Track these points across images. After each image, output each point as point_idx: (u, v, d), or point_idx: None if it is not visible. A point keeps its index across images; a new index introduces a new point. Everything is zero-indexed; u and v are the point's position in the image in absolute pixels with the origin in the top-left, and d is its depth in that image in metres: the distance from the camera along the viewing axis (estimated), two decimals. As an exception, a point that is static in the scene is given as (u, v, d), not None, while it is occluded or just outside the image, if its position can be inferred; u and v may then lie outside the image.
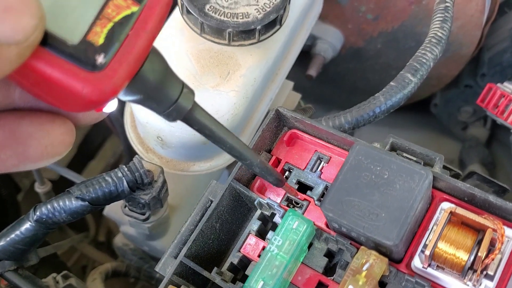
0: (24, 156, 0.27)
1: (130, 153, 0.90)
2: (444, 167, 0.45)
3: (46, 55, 0.23)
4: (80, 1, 0.24)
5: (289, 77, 0.69)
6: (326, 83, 1.03)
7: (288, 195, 0.44)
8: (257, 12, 0.54)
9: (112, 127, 0.92)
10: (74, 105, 0.25)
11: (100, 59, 0.24)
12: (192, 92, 0.30)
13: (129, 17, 0.25)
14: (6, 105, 0.27)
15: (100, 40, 0.24)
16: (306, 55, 0.89)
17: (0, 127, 0.26)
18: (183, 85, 0.29)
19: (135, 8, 0.25)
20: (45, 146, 0.27)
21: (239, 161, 0.37)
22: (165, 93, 0.28)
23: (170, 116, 0.30)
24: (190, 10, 0.54)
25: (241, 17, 0.54)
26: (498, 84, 0.71)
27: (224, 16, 0.54)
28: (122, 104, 0.69)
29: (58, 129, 0.27)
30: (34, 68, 0.23)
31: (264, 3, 0.54)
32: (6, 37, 0.21)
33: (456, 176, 0.50)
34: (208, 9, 0.54)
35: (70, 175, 0.75)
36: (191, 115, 0.30)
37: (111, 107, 0.28)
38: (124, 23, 0.25)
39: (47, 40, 0.23)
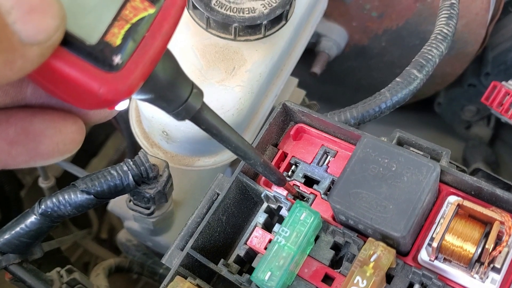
0: (35, 152, 0.27)
1: (134, 149, 0.91)
2: (450, 164, 0.45)
3: (65, 55, 0.24)
4: (99, 2, 0.24)
5: (293, 74, 0.70)
6: (330, 81, 1.03)
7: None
8: (263, 7, 0.54)
9: (115, 124, 0.93)
10: (89, 104, 0.25)
11: (117, 59, 0.24)
12: (201, 93, 0.31)
13: (145, 19, 0.25)
14: (18, 101, 0.28)
15: (117, 41, 0.25)
16: (310, 52, 0.89)
17: (12, 124, 0.27)
18: (193, 85, 0.30)
19: (151, 10, 0.26)
20: (56, 143, 0.27)
21: (242, 160, 0.37)
22: (175, 92, 0.29)
23: (179, 115, 0.30)
24: (196, 5, 0.54)
25: (247, 12, 0.54)
26: (503, 82, 0.71)
27: (230, 11, 0.54)
28: (127, 106, 0.69)
29: (69, 127, 0.28)
30: (53, 67, 0.24)
31: (270, -1, 0.55)
32: (29, 37, 0.21)
33: (461, 172, 0.50)
34: (214, 4, 0.54)
35: (74, 170, 0.75)
36: (200, 115, 0.31)
37: (123, 105, 0.28)
38: (140, 24, 0.25)
39: (66, 40, 0.24)
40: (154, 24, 0.26)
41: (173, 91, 0.29)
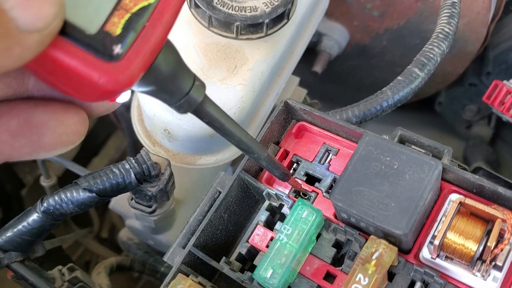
0: (38, 144, 0.27)
1: (135, 148, 0.91)
2: (452, 162, 0.45)
3: (64, 44, 0.23)
4: None
5: (294, 73, 0.70)
6: (331, 80, 1.03)
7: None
8: (265, 6, 0.54)
9: (117, 122, 0.93)
10: (89, 95, 0.25)
11: (117, 49, 0.24)
12: (203, 85, 0.30)
13: (146, 8, 0.25)
14: (21, 93, 0.28)
15: (117, 30, 0.24)
16: (311, 51, 0.89)
17: (14, 116, 0.27)
18: (195, 77, 0.30)
19: (152, 0, 0.25)
20: (59, 135, 0.27)
21: (246, 154, 0.37)
22: (177, 85, 0.29)
23: (181, 108, 0.30)
24: (198, 4, 0.54)
25: (249, 10, 0.54)
26: (504, 81, 0.71)
27: (232, 10, 0.54)
28: (128, 98, 0.69)
29: (72, 118, 0.28)
30: (52, 57, 0.23)
31: (272, -3, 0.55)
32: (28, 24, 0.21)
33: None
34: (216, 3, 0.54)
35: (76, 168, 0.75)
36: (202, 108, 0.30)
37: (124, 97, 0.28)
38: (141, 14, 0.25)
39: (66, 29, 0.23)
40: (155, 13, 0.25)
41: (174, 83, 0.28)
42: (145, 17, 0.25)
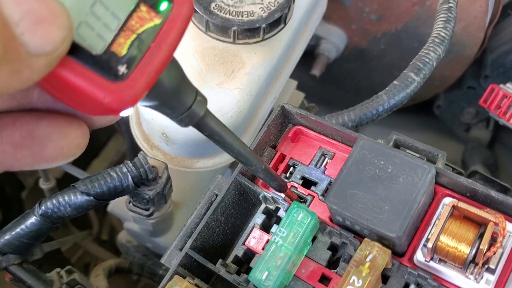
0: (40, 156, 0.28)
1: (134, 151, 0.91)
2: (447, 166, 0.46)
3: (71, 64, 0.24)
4: (106, 12, 0.25)
5: (292, 76, 0.70)
6: (329, 83, 1.04)
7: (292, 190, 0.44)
8: (262, 10, 0.55)
9: (116, 126, 0.93)
10: (94, 111, 0.26)
11: (122, 69, 0.25)
12: (205, 100, 0.31)
13: (151, 29, 0.26)
14: (25, 105, 0.28)
15: (123, 51, 0.25)
16: (309, 55, 0.90)
17: (17, 127, 0.27)
18: (197, 92, 0.30)
19: (157, 21, 0.26)
20: (61, 147, 0.28)
21: (244, 166, 0.37)
22: (180, 100, 0.29)
23: (183, 121, 0.30)
24: (196, 8, 0.54)
25: (246, 15, 0.54)
26: (501, 85, 0.72)
27: (229, 15, 0.54)
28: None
29: (74, 131, 0.28)
30: (58, 75, 0.24)
31: (269, 2, 0.55)
32: (37, 48, 0.22)
33: (458, 174, 0.50)
34: (213, 8, 0.54)
35: (75, 171, 0.75)
36: (203, 122, 0.31)
37: (128, 112, 0.29)
38: (146, 35, 0.26)
39: (73, 49, 0.24)
40: (160, 34, 0.26)
41: (177, 98, 0.29)
42: (151, 37, 0.26)
